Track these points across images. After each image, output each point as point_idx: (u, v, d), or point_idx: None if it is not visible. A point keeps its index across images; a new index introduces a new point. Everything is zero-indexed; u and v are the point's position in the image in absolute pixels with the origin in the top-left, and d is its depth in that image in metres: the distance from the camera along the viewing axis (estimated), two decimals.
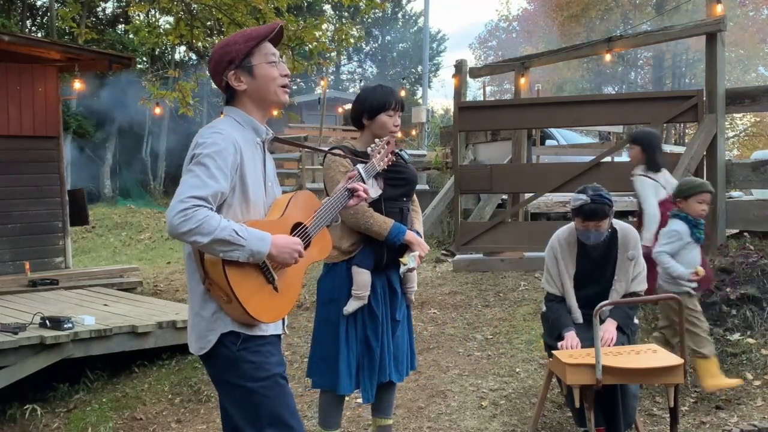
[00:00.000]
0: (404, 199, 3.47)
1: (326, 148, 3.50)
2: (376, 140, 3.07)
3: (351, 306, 3.38)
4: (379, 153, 3.01)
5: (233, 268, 2.29)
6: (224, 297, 2.32)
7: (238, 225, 2.27)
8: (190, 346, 2.48)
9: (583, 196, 3.67)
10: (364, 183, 2.85)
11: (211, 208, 2.25)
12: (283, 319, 2.58)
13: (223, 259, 2.27)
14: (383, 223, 3.32)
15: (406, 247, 3.40)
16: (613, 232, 3.81)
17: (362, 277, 3.36)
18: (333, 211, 2.65)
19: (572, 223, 3.89)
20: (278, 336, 2.55)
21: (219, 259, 2.27)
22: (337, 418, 3.58)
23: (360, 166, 2.89)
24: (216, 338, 2.39)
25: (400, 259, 3.38)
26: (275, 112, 3.51)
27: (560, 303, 3.87)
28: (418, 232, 3.51)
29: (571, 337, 3.68)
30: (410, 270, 3.39)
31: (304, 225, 2.53)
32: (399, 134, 3.55)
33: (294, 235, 2.46)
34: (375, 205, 3.33)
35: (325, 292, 3.49)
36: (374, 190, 2.93)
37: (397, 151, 3.24)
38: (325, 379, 3.46)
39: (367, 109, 3.43)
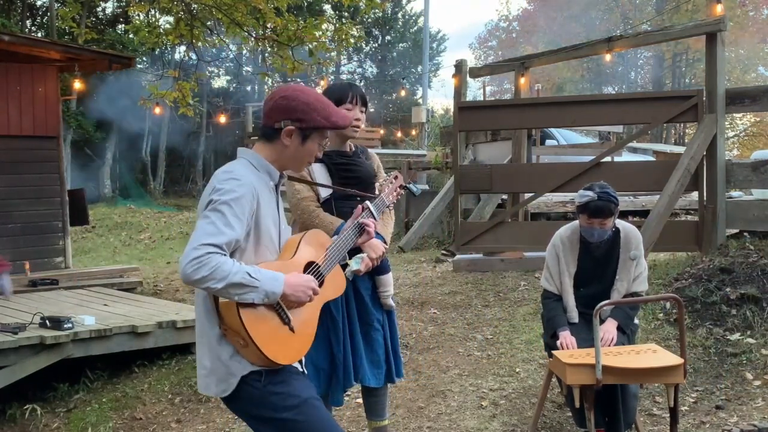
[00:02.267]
0: (357, 198, 3.27)
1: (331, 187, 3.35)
2: (385, 175, 3.06)
3: None
4: (387, 188, 3.01)
5: (248, 311, 2.27)
6: (241, 341, 2.31)
7: (250, 267, 2.27)
8: (208, 389, 2.42)
9: (590, 193, 3.66)
10: (375, 219, 2.85)
11: (224, 255, 2.24)
12: (301, 360, 2.55)
13: (238, 303, 2.25)
14: (329, 224, 3.21)
15: (359, 249, 3.20)
16: (616, 231, 3.81)
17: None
18: (344, 248, 2.65)
19: (575, 222, 3.88)
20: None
21: (233, 303, 2.26)
22: None
23: (369, 203, 2.88)
24: (237, 380, 2.36)
25: (347, 261, 3.19)
26: None
27: (557, 301, 3.87)
28: (378, 234, 3.29)
29: (566, 336, 3.68)
30: (356, 272, 3.20)
31: (316, 264, 2.53)
32: (360, 130, 3.41)
33: (307, 274, 2.46)
34: (326, 204, 3.29)
35: None
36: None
37: (406, 185, 3.19)
38: None
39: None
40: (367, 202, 2.85)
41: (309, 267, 2.50)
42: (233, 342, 2.34)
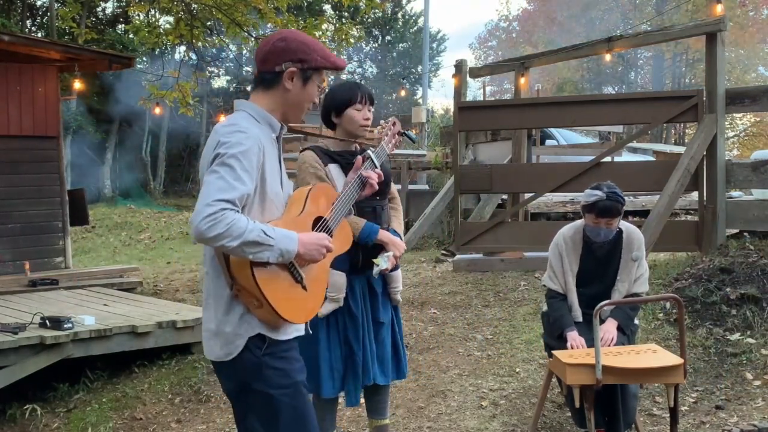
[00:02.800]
0: (377, 197, 3.33)
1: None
2: (382, 122, 3.04)
3: (325, 308, 3.32)
4: (386, 135, 2.98)
5: (261, 271, 2.23)
6: (255, 301, 2.27)
7: (265, 225, 2.22)
8: (212, 352, 2.38)
9: (599, 192, 3.65)
10: (377, 168, 2.82)
11: (238, 211, 2.18)
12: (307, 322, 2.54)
13: (251, 263, 2.21)
14: (354, 224, 3.22)
15: (381, 248, 3.32)
16: (619, 232, 3.81)
17: (336, 279, 3.29)
18: (349, 202, 2.63)
19: (578, 222, 3.88)
20: (298, 339, 2.50)
21: (246, 262, 2.21)
22: (331, 420, 3.55)
23: (371, 151, 2.85)
24: (244, 342, 2.32)
25: (373, 260, 3.29)
26: None
27: (562, 301, 3.86)
28: (395, 232, 3.43)
29: (574, 337, 3.68)
30: (383, 271, 3.29)
31: (325, 219, 2.50)
32: (367, 131, 3.45)
33: (316, 230, 2.42)
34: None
35: None
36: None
37: (403, 131, 3.19)
38: (308, 383, 3.42)
39: (334, 105, 3.35)
40: (369, 151, 2.83)
41: (317, 222, 2.47)
42: (247, 302, 2.29)
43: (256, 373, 2.34)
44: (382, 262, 3.26)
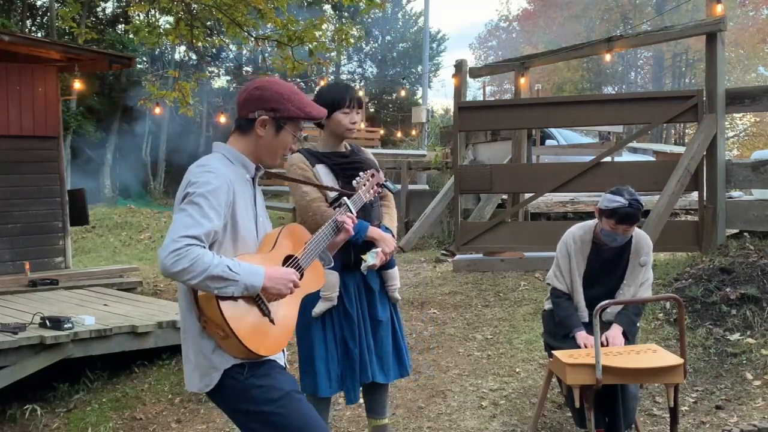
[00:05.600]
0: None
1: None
2: (361, 173, 3.07)
3: (319, 307, 3.34)
4: (364, 185, 3.01)
5: (228, 304, 2.28)
6: (221, 333, 2.31)
7: (230, 260, 2.27)
8: (192, 385, 2.45)
9: (621, 199, 3.58)
10: (352, 214, 2.85)
11: (204, 246, 2.24)
12: (284, 352, 2.57)
13: (217, 296, 2.26)
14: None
15: (373, 244, 3.34)
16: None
17: (329, 277, 3.29)
18: (322, 243, 2.65)
19: (589, 222, 3.86)
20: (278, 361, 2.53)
21: (213, 295, 2.26)
22: (324, 419, 3.54)
23: (346, 199, 2.88)
24: (220, 374, 2.37)
25: (361, 257, 3.31)
26: None
27: (568, 300, 3.84)
28: (387, 228, 3.45)
29: (585, 336, 3.66)
30: (371, 267, 3.30)
31: (296, 257, 2.53)
32: (356, 132, 3.47)
33: (286, 267, 2.46)
34: (335, 204, 3.29)
35: None
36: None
37: (382, 182, 3.21)
38: (306, 382, 3.42)
39: (323, 107, 3.38)
40: (345, 198, 2.86)
41: (288, 261, 2.50)
42: (213, 334, 2.34)
43: (243, 395, 2.39)
44: (370, 258, 3.28)
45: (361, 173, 3.08)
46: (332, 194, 3.33)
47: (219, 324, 2.28)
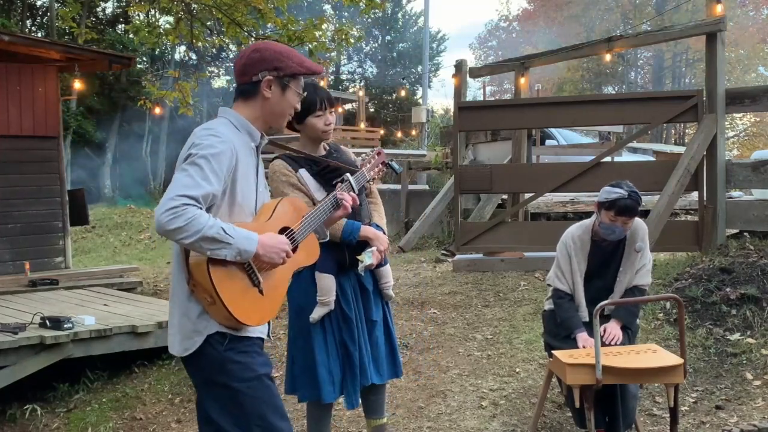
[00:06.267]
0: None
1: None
2: (368, 150, 3.05)
3: (317, 313, 3.31)
4: (369, 163, 3.00)
5: (218, 269, 2.27)
6: (208, 298, 2.30)
7: (226, 224, 2.26)
8: (173, 347, 2.44)
9: (620, 191, 3.61)
10: (354, 192, 2.83)
11: (201, 208, 2.24)
12: (269, 324, 2.56)
13: (208, 260, 2.25)
14: (335, 224, 3.19)
15: (366, 244, 3.31)
16: None
17: (325, 281, 3.29)
18: (320, 218, 2.65)
19: (587, 221, 3.86)
20: (262, 339, 2.53)
21: (204, 259, 2.25)
22: (327, 423, 3.55)
23: (349, 176, 2.87)
24: (202, 339, 2.36)
25: (357, 257, 3.28)
26: None
27: (570, 301, 3.84)
28: (378, 226, 3.43)
29: (585, 338, 3.66)
30: (368, 267, 3.28)
31: (291, 229, 2.52)
32: (331, 133, 3.39)
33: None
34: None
35: (293, 302, 3.41)
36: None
37: (387, 161, 3.20)
38: (308, 390, 3.39)
39: (294, 114, 3.35)
40: (347, 174, 2.84)
41: (283, 232, 2.49)
42: (201, 298, 2.33)
43: (218, 367, 2.38)
44: (367, 258, 3.25)
45: (368, 150, 3.06)
46: (319, 197, 3.28)
47: (207, 289, 2.28)
